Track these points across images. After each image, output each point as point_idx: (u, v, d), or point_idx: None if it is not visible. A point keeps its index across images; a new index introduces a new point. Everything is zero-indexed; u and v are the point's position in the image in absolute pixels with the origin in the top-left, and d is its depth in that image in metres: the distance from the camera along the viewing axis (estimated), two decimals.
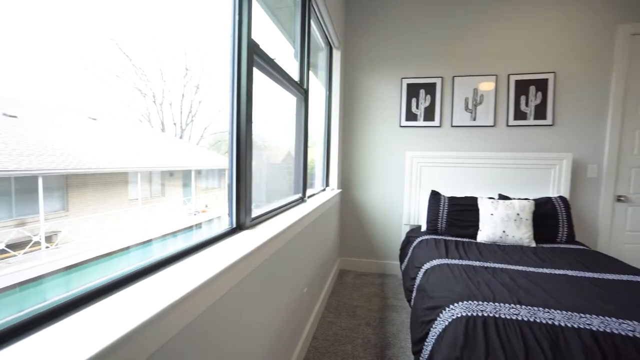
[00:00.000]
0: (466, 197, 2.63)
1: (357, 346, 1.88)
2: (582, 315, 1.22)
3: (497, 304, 1.31)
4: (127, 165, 1.28)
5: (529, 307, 1.28)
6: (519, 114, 2.80)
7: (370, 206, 3.16)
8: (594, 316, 1.20)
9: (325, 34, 2.57)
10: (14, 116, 0.91)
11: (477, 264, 1.84)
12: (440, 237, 2.43)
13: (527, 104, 2.79)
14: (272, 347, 1.25)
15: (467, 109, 2.89)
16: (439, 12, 2.91)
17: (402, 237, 2.83)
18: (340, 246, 3.24)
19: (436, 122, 2.94)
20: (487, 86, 2.85)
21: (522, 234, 2.31)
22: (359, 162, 3.17)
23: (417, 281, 1.82)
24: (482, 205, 2.49)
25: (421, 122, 2.97)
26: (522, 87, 2.79)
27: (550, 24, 2.73)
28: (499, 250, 2.15)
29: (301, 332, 1.76)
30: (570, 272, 1.71)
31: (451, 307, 1.32)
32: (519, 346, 1.11)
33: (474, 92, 2.87)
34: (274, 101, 1.90)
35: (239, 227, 1.13)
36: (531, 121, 2.79)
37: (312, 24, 2.29)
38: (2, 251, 0.84)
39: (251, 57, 1.16)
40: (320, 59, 2.85)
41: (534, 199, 2.52)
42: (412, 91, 2.98)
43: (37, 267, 0.91)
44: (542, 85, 2.76)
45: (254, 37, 1.21)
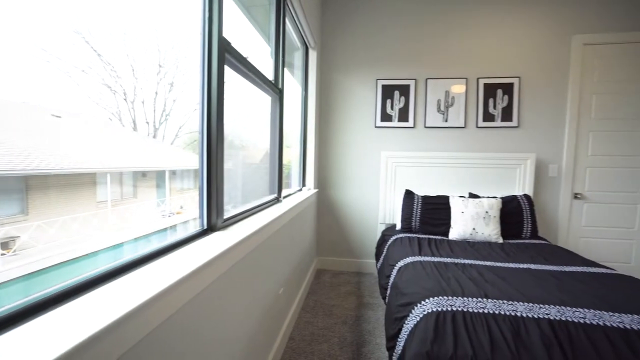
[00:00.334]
0: (439, 196, 2.72)
1: (334, 345, 1.90)
2: (542, 305, 1.30)
3: (465, 298, 1.36)
4: (95, 165, 1.22)
5: (495, 300, 1.35)
6: (488, 116, 2.93)
7: (346, 205, 3.19)
8: (552, 306, 1.29)
9: (301, 33, 2.57)
10: None
11: (448, 260, 1.90)
12: (414, 235, 2.50)
13: (494, 107, 2.92)
14: (247, 349, 1.23)
15: (439, 110, 2.99)
16: (412, 17, 2.99)
17: (378, 235, 2.88)
18: (317, 246, 3.25)
19: (410, 123, 3.02)
20: (458, 89, 2.96)
21: (491, 231, 2.42)
22: (335, 162, 3.19)
23: (392, 279, 1.86)
24: (453, 203, 2.58)
25: (396, 122, 3.04)
26: (490, 90, 2.92)
27: (515, 32, 2.88)
28: (469, 246, 2.24)
29: (277, 333, 1.75)
30: (532, 266, 1.82)
31: (422, 303, 1.36)
32: (485, 337, 1.17)
33: (445, 94, 2.97)
34: (252, 101, 1.88)
35: (210, 229, 1.11)
36: (499, 123, 2.92)
37: (288, 23, 2.28)
38: None
39: (222, 55, 1.14)
40: (296, 58, 2.84)
41: (501, 197, 2.65)
42: (387, 92, 3.04)
43: None
44: (508, 89, 2.90)
45: (226, 34, 1.19)
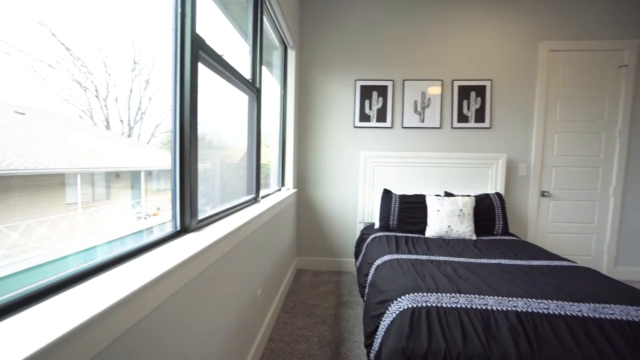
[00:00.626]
0: (415, 195, 2.79)
1: (313, 344, 1.90)
2: (510, 298, 1.36)
3: (439, 294, 1.40)
4: (63, 165, 1.16)
5: (467, 295, 1.40)
6: (462, 117, 3.03)
7: (326, 205, 3.20)
8: (519, 299, 1.35)
9: (279, 32, 2.55)
10: None
11: (424, 257, 1.95)
12: (392, 233, 2.55)
13: (468, 108, 3.03)
14: (222, 353, 1.21)
15: (416, 111, 3.06)
16: (389, 18, 3.05)
17: (358, 234, 2.91)
18: (297, 246, 3.24)
19: (388, 124, 3.07)
20: (434, 90, 3.04)
21: (465, 228, 2.51)
22: (315, 162, 3.20)
23: (370, 277, 1.89)
24: (429, 202, 2.65)
25: (374, 123, 3.08)
26: (464, 92, 3.02)
27: (487, 36, 3.00)
28: (444, 244, 2.31)
29: (255, 335, 1.73)
30: (503, 261, 1.90)
31: (399, 300, 1.39)
32: (457, 331, 1.21)
33: (422, 96, 3.05)
34: (231, 100, 1.85)
35: (184, 230, 1.09)
36: (472, 124, 3.03)
37: (266, 22, 2.26)
38: None
39: (196, 52, 1.11)
40: (275, 57, 2.82)
41: (475, 196, 2.75)
42: (366, 93, 3.08)
43: None
44: (481, 91, 3.01)
45: (202, 31, 1.17)
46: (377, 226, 2.77)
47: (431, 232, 2.54)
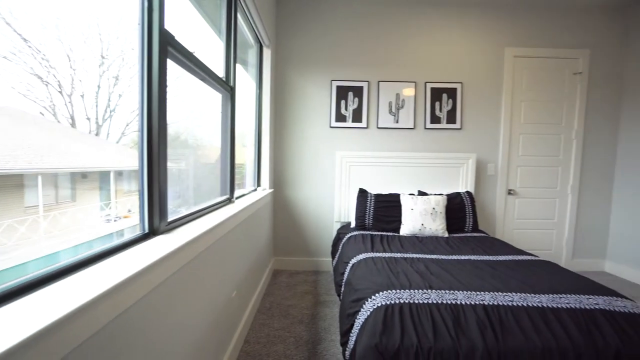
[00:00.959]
0: (390, 194, 2.84)
1: (289, 345, 1.89)
2: (478, 293, 1.42)
3: (412, 290, 1.44)
4: (22, 166, 1.08)
5: (438, 290, 1.44)
6: (435, 118, 3.13)
7: (303, 205, 3.20)
8: (487, 293, 1.41)
9: (254, 31, 2.52)
10: None
11: (399, 255, 2.00)
12: (367, 232, 2.58)
13: (440, 110, 3.13)
14: (194, 358, 1.18)
15: (390, 112, 3.12)
16: (365, 20, 3.09)
17: (334, 234, 2.93)
18: (274, 246, 3.22)
19: (363, 124, 3.11)
20: (408, 92, 3.12)
21: (437, 226, 2.59)
22: (291, 162, 3.18)
23: (345, 276, 1.91)
24: (404, 201, 2.72)
25: (350, 123, 3.12)
26: (436, 94, 3.12)
27: (458, 40, 3.12)
28: (417, 241, 2.37)
29: (230, 338, 1.69)
30: (472, 257, 1.98)
31: (373, 297, 1.41)
32: (429, 326, 1.24)
33: (396, 97, 3.11)
34: (207, 98, 1.80)
35: (153, 233, 1.04)
36: (444, 125, 3.14)
37: (240, 19, 2.22)
38: None
39: (164, 48, 1.07)
40: (251, 56, 2.78)
41: (447, 194, 2.85)
42: (342, 93, 3.10)
43: None
44: (452, 93, 3.12)
45: (173, 26, 1.13)
46: (353, 225, 2.80)
47: (405, 230, 2.60)
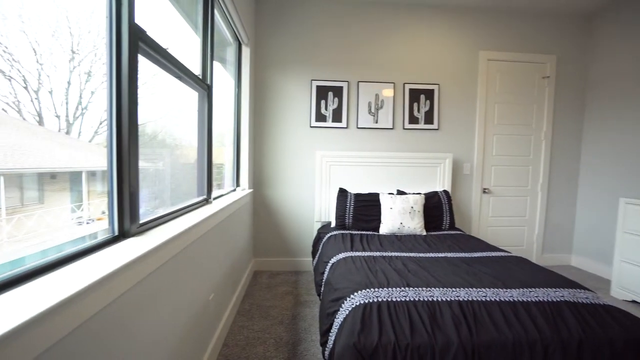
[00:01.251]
0: (370, 194, 2.87)
1: (269, 346, 1.87)
2: (454, 289, 1.45)
3: (390, 288, 1.46)
4: None
5: (415, 288, 1.47)
6: (413, 119, 3.20)
7: (283, 205, 3.18)
8: (462, 289, 1.45)
9: (233, 28, 2.47)
10: None
11: (377, 254, 2.02)
12: (347, 231, 2.60)
13: (419, 110, 3.20)
14: None
15: (370, 112, 3.16)
16: (345, 20, 3.11)
17: (315, 233, 2.93)
18: (254, 247, 3.17)
19: (343, 124, 3.13)
20: (387, 92, 3.16)
21: (416, 224, 2.64)
22: (271, 161, 3.15)
23: (325, 275, 1.90)
24: (383, 200, 2.75)
25: (330, 123, 3.12)
26: (414, 95, 3.19)
27: (434, 43, 3.19)
28: (396, 240, 2.41)
29: (209, 341, 1.66)
30: (449, 255, 2.03)
31: (352, 296, 1.42)
32: (406, 323, 1.26)
33: (376, 97, 3.15)
34: (185, 97, 1.74)
35: (123, 235, 1.00)
36: (422, 125, 3.21)
37: (218, 16, 2.17)
38: None
39: (135, 43, 1.03)
40: (229, 54, 2.73)
41: (425, 193, 2.91)
42: (322, 93, 3.10)
43: None
44: (429, 94, 3.20)
45: (145, 21, 1.08)
46: (333, 225, 2.80)
47: (385, 229, 2.64)
